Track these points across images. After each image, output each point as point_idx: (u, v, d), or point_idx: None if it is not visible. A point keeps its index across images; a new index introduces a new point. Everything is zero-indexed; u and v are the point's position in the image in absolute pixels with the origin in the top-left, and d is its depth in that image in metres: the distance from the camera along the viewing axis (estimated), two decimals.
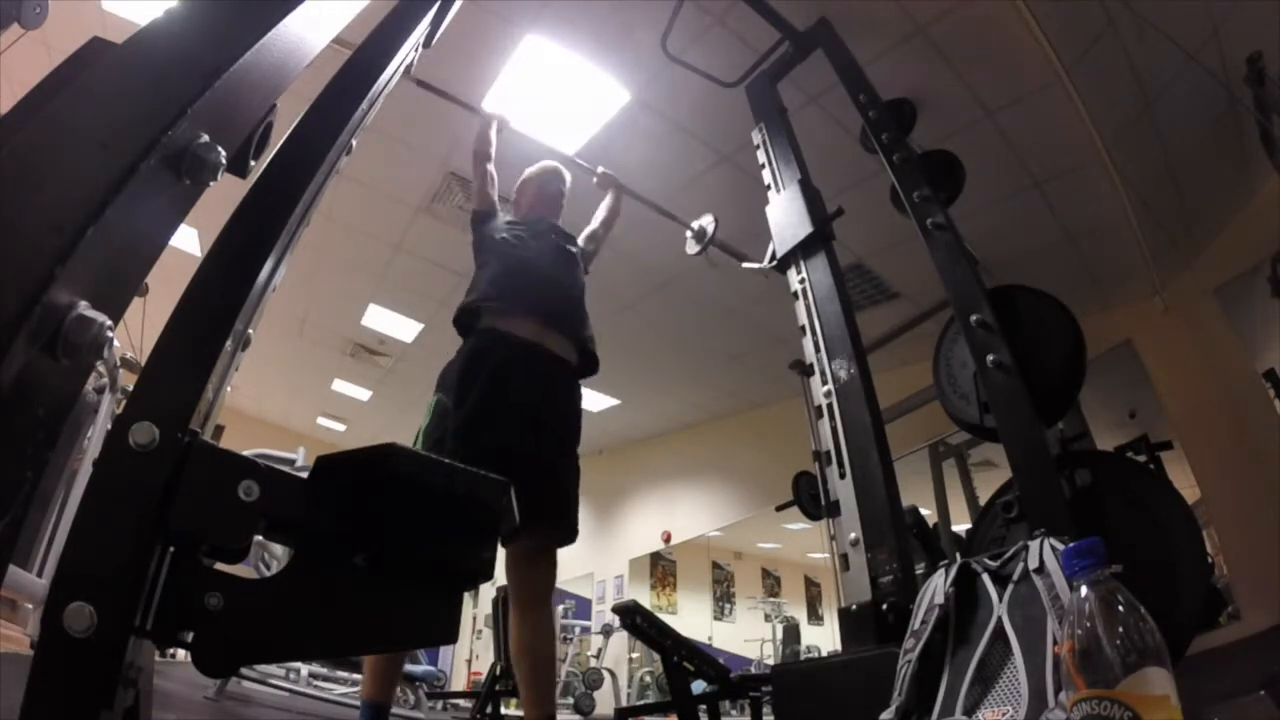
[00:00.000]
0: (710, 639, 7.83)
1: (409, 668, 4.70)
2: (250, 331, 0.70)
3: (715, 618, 8.60)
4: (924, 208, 1.95)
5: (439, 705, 5.35)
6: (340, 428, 8.35)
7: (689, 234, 3.12)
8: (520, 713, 1.99)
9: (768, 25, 2.66)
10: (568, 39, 3.08)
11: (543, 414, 1.90)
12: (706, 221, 3.06)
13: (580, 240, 2.39)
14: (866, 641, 1.49)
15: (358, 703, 1.99)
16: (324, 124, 0.75)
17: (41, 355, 0.44)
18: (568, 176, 2.42)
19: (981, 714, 0.94)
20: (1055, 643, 0.90)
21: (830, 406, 1.82)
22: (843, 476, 1.73)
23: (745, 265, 2.69)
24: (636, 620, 2.77)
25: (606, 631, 6.58)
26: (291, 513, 0.57)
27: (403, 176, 4.02)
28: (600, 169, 2.76)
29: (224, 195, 0.60)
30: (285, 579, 0.58)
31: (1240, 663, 2.77)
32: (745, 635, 8.15)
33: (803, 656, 7.00)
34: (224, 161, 0.56)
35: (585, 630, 7.28)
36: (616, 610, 2.87)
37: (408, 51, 0.92)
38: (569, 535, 1.93)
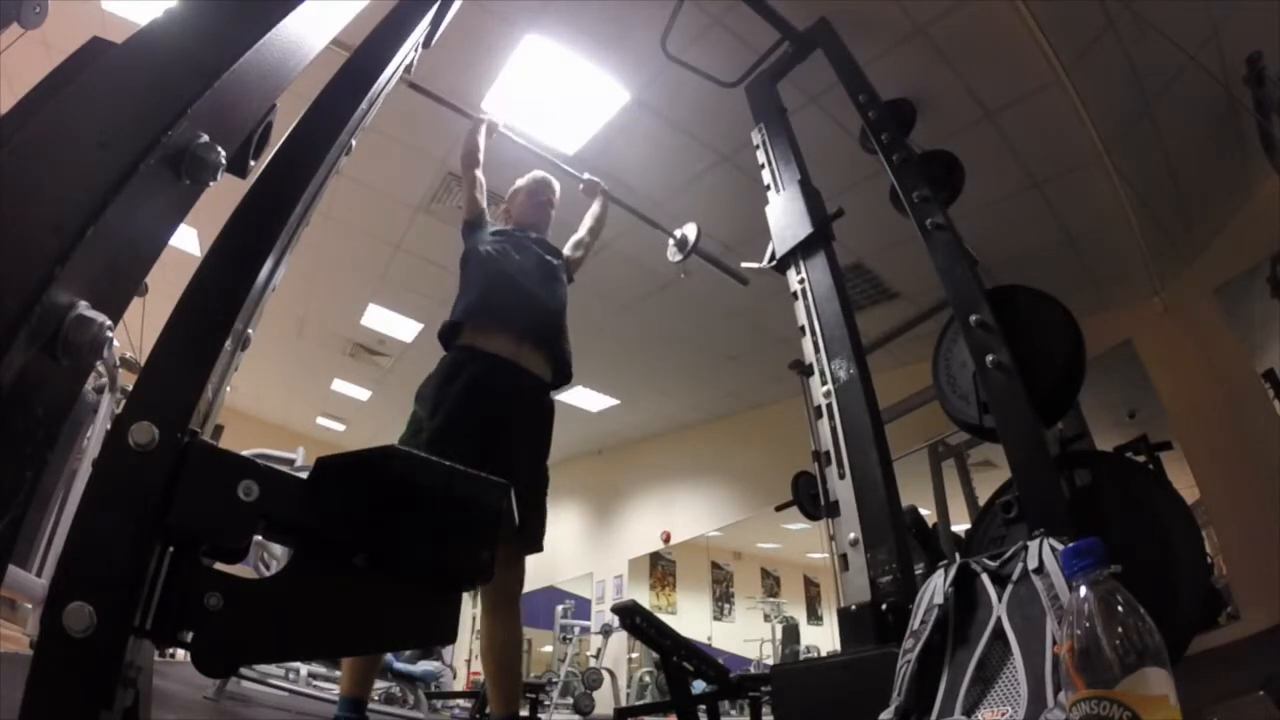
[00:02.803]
0: (710, 639, 7.83)
1: (408, 667, 4.70)
2: (250, 331, 0.70)
3: (715, 618, 8.60)
4: (924, 208, 1.95)
5: (439, 705, 5.35)
6: (340, 427, 8.35)
7: (670, 242, 3.13)
8: (524, 713, 2.02)
9: (768, 25, 2.65)
10: (568, 39, 3.08)
11: (512, 426, 1.99)
12: (689, 230, 3.07)
13: (566, 248, 2.46)
14: (866, 641, 1.49)
15: None
16: (324, 124, 0.75)
17: (41, 355, 0.44)
18: (556, 186, 2.49)
19: (981, 714, 0.94)
20: (1054, 643, 0.90)
21: (830, 406, 1.82)
22: (842, 476, 1.73)
23: (745, 265, 2.69)
24: (636, 620, 2.76)
25: (606, 631, 6.57)
26: (291, 513, 0.57)
27: (403, 176, 4.02)
28: (586, 175, 2.79)
29: (224, 195, 0.61)
30: (285, 579, 0.58)
31: (1240, 663, 2.77)
32: (745, 635, 8.14)
33: (802, 656, 7.00)
34: (224, 161, 0.56)
35: (585, 630, 7.28)
36: (616, 610, 2.87)
37: (408, 51, 0.92)
38: (534, 544, 1.99)
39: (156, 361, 0.55)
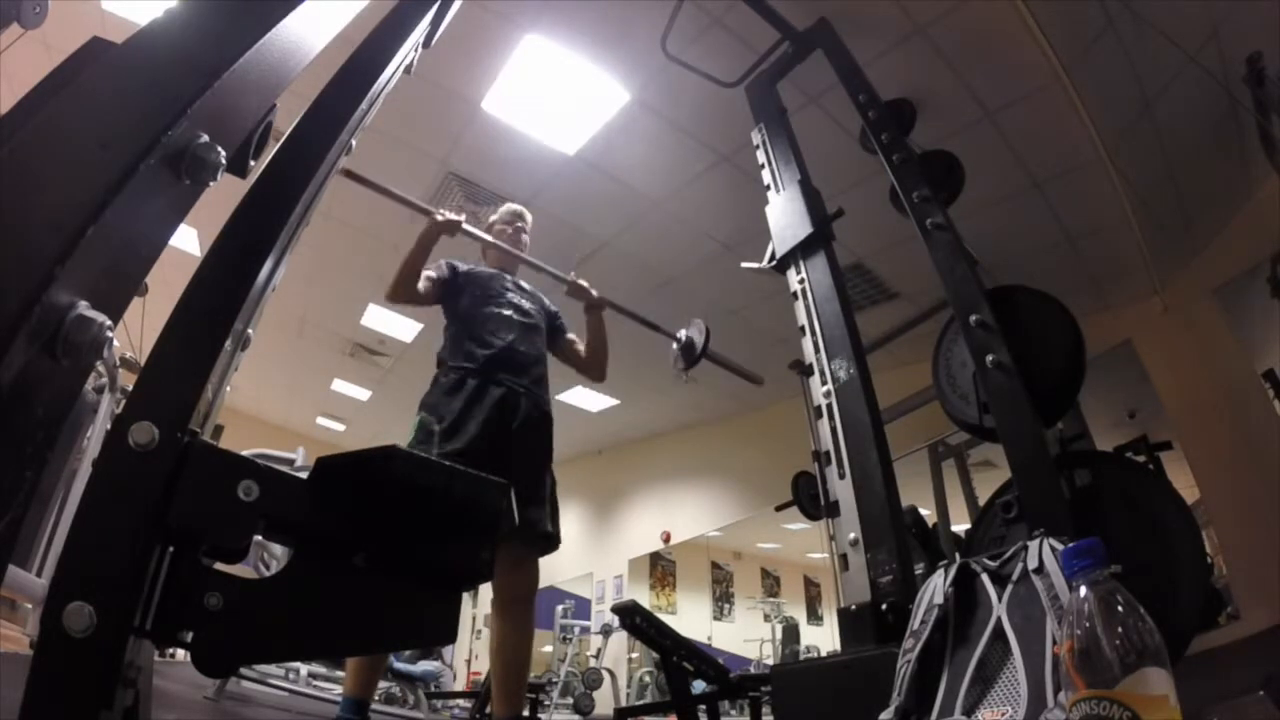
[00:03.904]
0: (710, 639, 7.83)
1: (408, 667, 4.70)
2: (250, 331, 0.70)
3: (715, 618, 8.61)
4: (924, 208, 1.95)
5: (439, 705, 5.35)
6: (340, 427, 8.35)
7: (675, 346, 2.67)
8: (525, 713, 2.03)
9: (767, 25, 2.65)
10: (568, 39, 3.08)
11: (522, 430, 2.03)
12: (695, 332, 2.61)
13: (569, 334, 2.39)
14: (866, 641, 1.49)
15: None
16: (324, 124, 0.75)
17: (41, 355, 0.44)
18: (528, 215, 2.48)
19: (981, 714, 0.94)
20: (1054, 643, 0.90)
21: (830, 406, 1.82)
22: (842, 476, 1.73)
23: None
24: (636, 620, 2.76)
25: (606, 631, 6.57)
26: (291, 513, 0.57)
27: (403, 176, 4.01)
28: (572, 275, 2.43)
29: (224, 195, 0.61)
30: (285, 579, 0.58)
31: (1240, 663, 2.77)
32: (745, 635, 8.15)
33: (802, 656, 7.00)
34: (224, 161, 0.56)
35: (585, 630, 7.28)
36: (616, 610, 2.87)
37: (408, 51, 0.92)
38: (551, 542, 2.02)
39: (156, 361, 0.55)
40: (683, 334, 2.66)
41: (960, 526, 4.27)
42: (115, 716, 0.48)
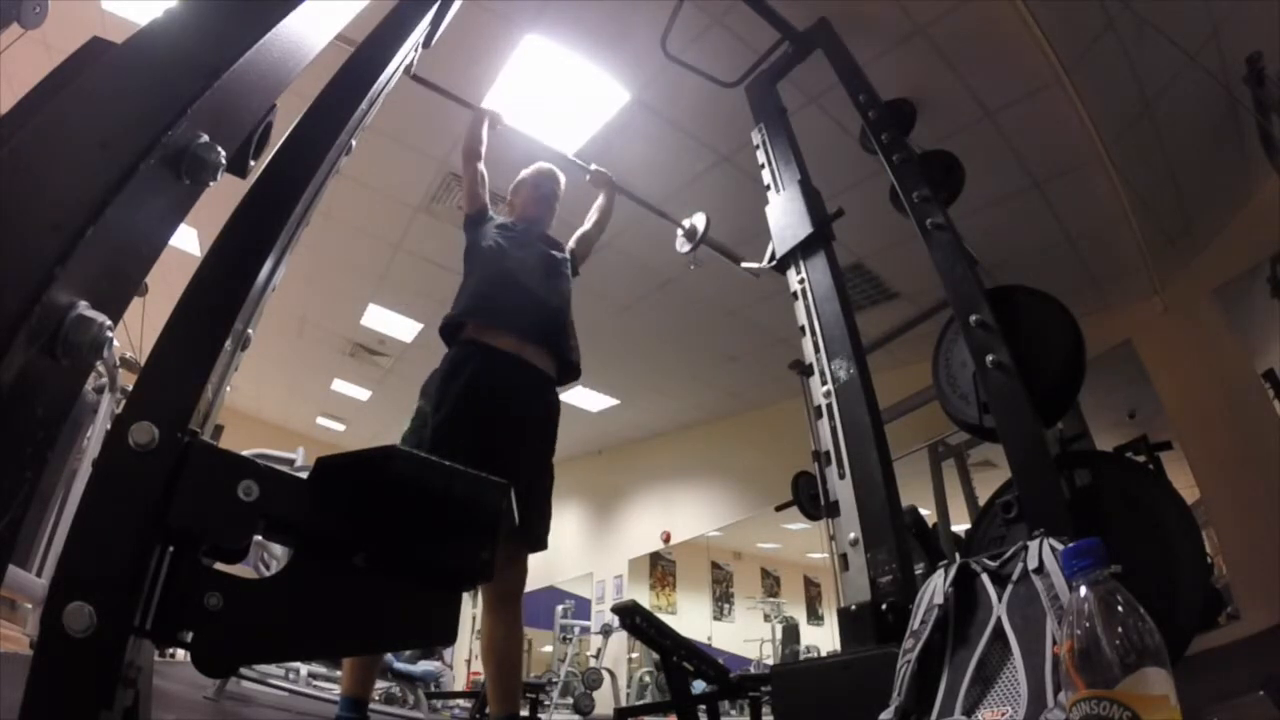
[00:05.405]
0: (710, 639, 7.83)
1: (408, 667, 4.70)
2: (250, 331, 0.70)
3: (715, 618, 8.61)
4: (924, 208, 1.95)
5: (439, 705, 5.35)
6: (340, 427, 8.36)
7: (679, 232, 3.09)
8: (524, 713, 2.02)
9: (768, 25, 2.65)
10: (568, 39, 3.08)
11: (518, 421, 1.97)
12: (698, 220, 3.01)
13: (571, 242, 2.43)
14: (866, 641, 1.49)
15: None
16: (324, 124, 0.75)
17: (41, 355, 0.44)
18: (562, 178, 2.44)
19: (981, 714, 0.94)
20: (1054, 643, 0.90)
21: (830, 406, 1.82)
22: (842, 476, 1.73)
23: (744, 265, 2.68)
24: (636, 620, 2.76)
25: (606, 631, 6.57)
26: (291, 513, 0.57)
27: (403, 176, 4.02)
28: (594, 166, 2.75)
29: (224, 195, 0.61)
30: (285, 579, 0.58)
31: (1240, 663, 2.77)
32: (745, 635, 8.15)
33: (802, 656, 7.00)
34: (224, 161, 0.56)
35: (585, 630, 7.28)
36: (616, 610, 2.87)
37: (408, 51, 0.92)
38: (538, 542, 1.98)
39: (156, 361, 0.55)
40: (687, 222, 3.03)
41: (960, 526, 4.27)
42: (115, 716, 0.48)
